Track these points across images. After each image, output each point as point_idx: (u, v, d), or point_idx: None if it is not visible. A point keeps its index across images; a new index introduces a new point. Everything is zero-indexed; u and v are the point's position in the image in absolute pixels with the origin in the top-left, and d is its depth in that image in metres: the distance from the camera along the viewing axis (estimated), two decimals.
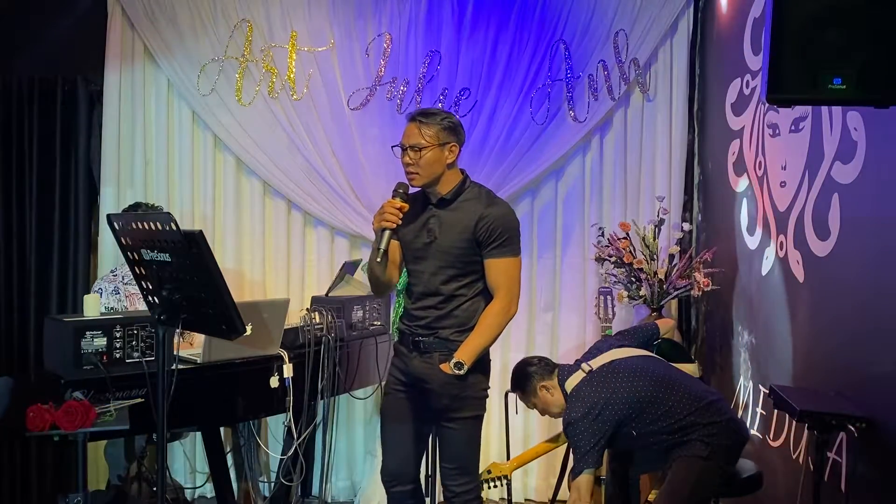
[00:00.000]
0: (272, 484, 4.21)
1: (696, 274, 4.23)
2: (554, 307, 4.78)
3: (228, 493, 3.55)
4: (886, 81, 1.81)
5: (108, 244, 4.46)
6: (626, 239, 4.39)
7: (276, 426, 4.10)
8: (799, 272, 3.31)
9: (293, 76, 4.56)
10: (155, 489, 3.76)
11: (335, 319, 3.75)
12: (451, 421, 2.94)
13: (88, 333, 2.99)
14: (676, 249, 4.48)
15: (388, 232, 2.90)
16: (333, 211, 4.60)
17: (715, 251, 4.29)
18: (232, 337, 2.53)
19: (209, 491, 4.22)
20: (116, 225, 2.61)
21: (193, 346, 3.65)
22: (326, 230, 4.70)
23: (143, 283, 2.62)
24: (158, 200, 4.38)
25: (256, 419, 3.97)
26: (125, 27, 4.51)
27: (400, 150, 2.97)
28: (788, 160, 3.45)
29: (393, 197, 2.93)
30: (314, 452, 4.05)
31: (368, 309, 4.04)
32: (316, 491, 4.28)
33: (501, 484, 3.86)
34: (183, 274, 2.48)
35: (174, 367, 2.61)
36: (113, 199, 4.51)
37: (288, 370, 3.47)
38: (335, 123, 4.59)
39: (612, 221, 4.62)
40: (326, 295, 4.05)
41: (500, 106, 4.59)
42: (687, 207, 4.76)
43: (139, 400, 3.00)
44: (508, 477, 3.86)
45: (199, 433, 3.90)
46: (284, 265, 4.68)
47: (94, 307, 3.19)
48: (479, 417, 2.99)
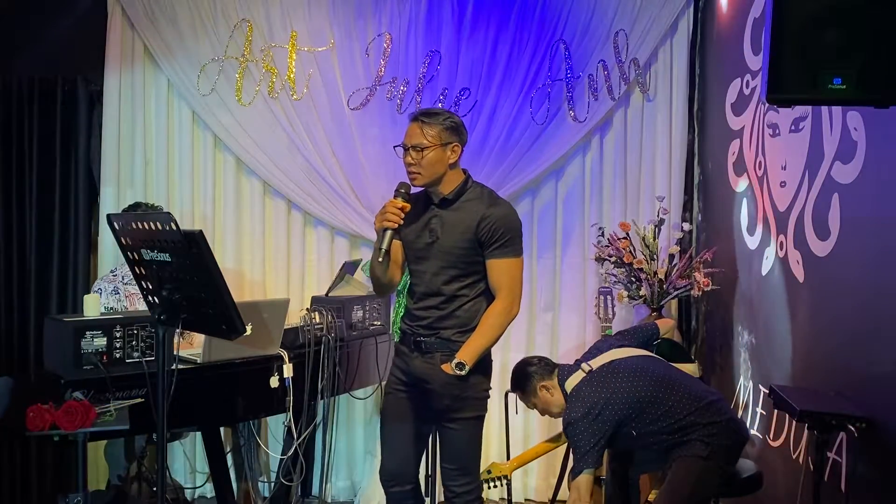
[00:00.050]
0: (272, 484, 4.21)
1: (696, 274, 4.23)
2: (554, 307, 4.78)
3: (228, 493, 3.55)
4: (886, 81, 1.81)
5: (108, 244, 4.46)
6: (626, 239, 4.39)
7: (276, 426, 4.10)
8: (799, 272, 3.31)
9: (293, 76, 4.56)
10: (155, 489, 3.77)
11: (335, 319, 3.75)
12: (452, 421, 2.93)
13: (88, 333, 2.99)
14: (676, 249, 4.48)
15: (389, 232, 2.89)
16: (333, 211, 4.60)
17: (715, 251, 4.29)
18: (232, 337, 2.53)
19: (209, 491, 4.22)
20: (116, 225, 2.60)
21: (193, 346, 3.65)
22: (326, 230, 4.70)
23: (143, 283, 2.62)
24: (158, 200, 4.38)
25: (256, 419, 3.97)
26: (125, 27, 4.51)
27: (402, 149, 2.97)
28: (788, 160, 3.45)
29: (395, 197, 2.92)
30: (314, 452, 4.05)
31: (368, 309, 4.04)
32: (316, 491, 4.28)
33: (501, 484, 3.86)
34: (183, 274, 2.48)
35: (174, 367, 2.61)
36: (113, 199, 4.51)
37: (288, 370, 3.47)
38: (335, 123, 4.59)
39: (612, 221, 4.62)
40: (326, 295, 4.04)
41: (500, 106, 4.59)
42: (687, 207, 4.76)
43: (139, 400, 3.00)
44: (508, 477, 3.86)
45: (199, 433, 3.90)
46: (284, 265, 4.68)
47: (94, 307, 3.19)
48: (480, 418, 2.99)
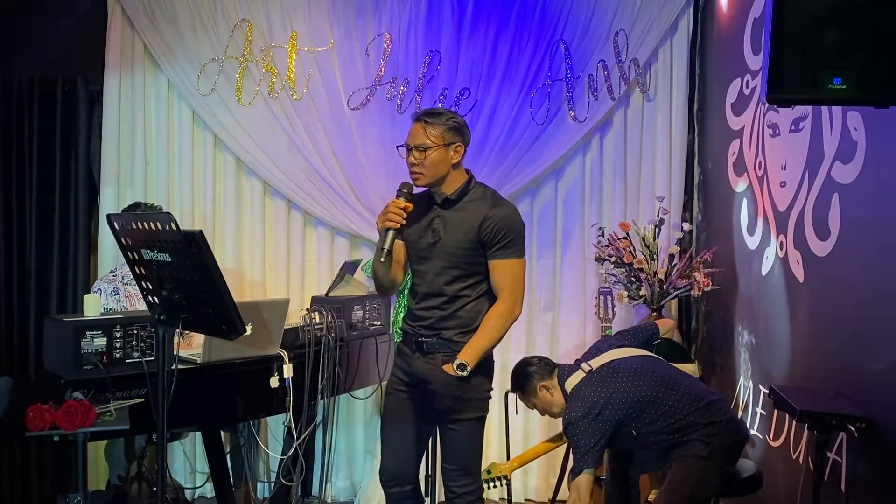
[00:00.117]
0: (272, 484, 4.21)
1: (696, 274, 4.23)
2: (554, 307, 4.78)
3: (228, 493, 3.54)
4: (886, 81, 1.81)
5: (108, 244, 4.46)
6: (626, 239, 4.39)
7: (276, 426, 4.10)
8: (799, 272, 3.31)
9: (293, 76, 4.56)
10: (155, 489, 3.76)
11: (335, 319, 3.75)
12: (453, 422, 2.93)
13: (88, 333, 2.99)
14: (676, 249, 4.48)
15: (391, 232, 2.88)
16: (333, 211, 4.60)
17: (715, 251, 4.29)
18: (232, 337, 2.53)
19: (209, 491, 4.22)
20: (116, 225, 2.60)
21: (192, 346, 3.64)
22: (326, 230, 4.70)
23: (143, 283, 2.62)
24: (158, 200, 4.38)
25: (256, 419, 3.97)
26: (125, 27, 4.51)
27: (405, 149, 2.96)
28: (788, 160, 3.45)
29: (397, 197, 2.92)
30: (314, 452, 4.05)
31: (368, 309, 4.04)
32: (316, 491, 4.28)
33: (501, 484, 3.86)
34: (183, 274, 2.47)
35: (174, 367, 2.61)
36: (113, 199, 4.51)
37: (288, 370, 3.47)
38: (335, 123, 4.59)
39: (612, 221, 4.62)
40: (326, 295, 4.04)
41: (500, 106, 4.59)
42: (687, 207, 4.76)
43: (139, 400, 3.00)
44: (508, 477, 3.86)
45: (199, 433, 3.90)
46: (284, 265, 4.68)
47: (94, 307, 3.19)
48: (481, 419, 2.99)
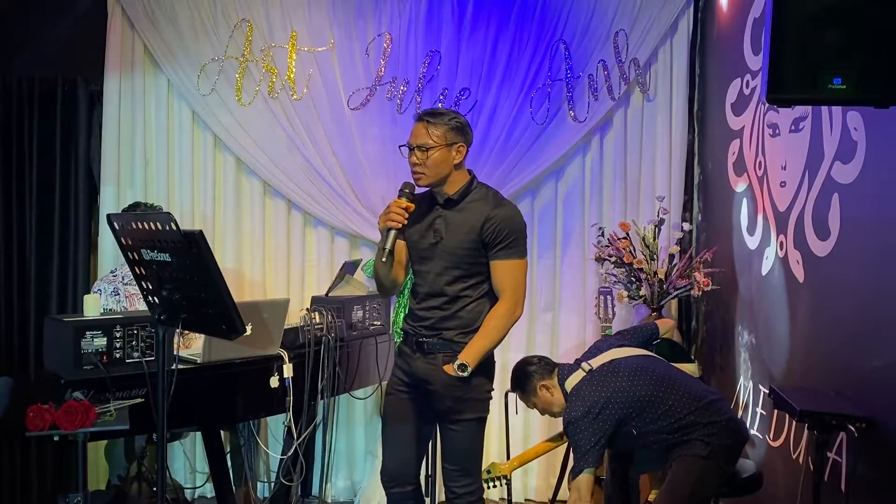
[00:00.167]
0: (272, 484, 4.21)
1: (696, 274, 4.23)
2: (554, 307, 4.78)
3: (228, 493, 3.54)
4: (886, 81, 1.80)
5: (108, 244, 4.46)
6: (626, 239, 4.39)
7: (276, 426, 4.10)
8: (799, 272, 3.31)
9: (293, 76, 4.56)
10: (155, 489, 3.76)
11: (335, 319, 3.75)
12: (453, 423, 2.93)
13: (88, 333, 2.99)
14: (676, 249, 4.48)
15: (393, 232, 2.87)
16: (333, 211, 4.60)
17: (715, 251, 4.29)
18: (232, 337, 2.53)
19: (209, 491, 4.22)
20: (116, 225, 2.60)
21: (190, 348, 3.64)
22: (326, 230, 4.70)
23: (143, 283, 2.62)
24: (158, 200, 4.38)
25: (256, 419, 3.97)
26: (125, 27, 4.51)
27: (407, 149, 2.96)
28: (788, 160, 3.45)
29: (399, 197, 2.91)
30: (314, 452, 4.05)
31: (368, 309, 4.04)
32: (316, 491, 4.28)
33: (501, 484, 3.86)
34: (183, 274, 2.47)
35: (174, 367, 2.61)
36: (113, 199, 4.51)
37: (288, 370, 3.47)
38: (335, 123, 4.59)
39: (612, 221, 4.62)
40: (326, 295, 4.04)
41: (500, 106, 4.59)
42: (687, 207, 4.76)
43: (139, 400, 3.00)
44: (508, 477, 3.86)
45: (199, 433, 3.90)
46: (284, 265, 4.68)
47: (94, 307, 3.19)
48: (482, 419, 2.98)
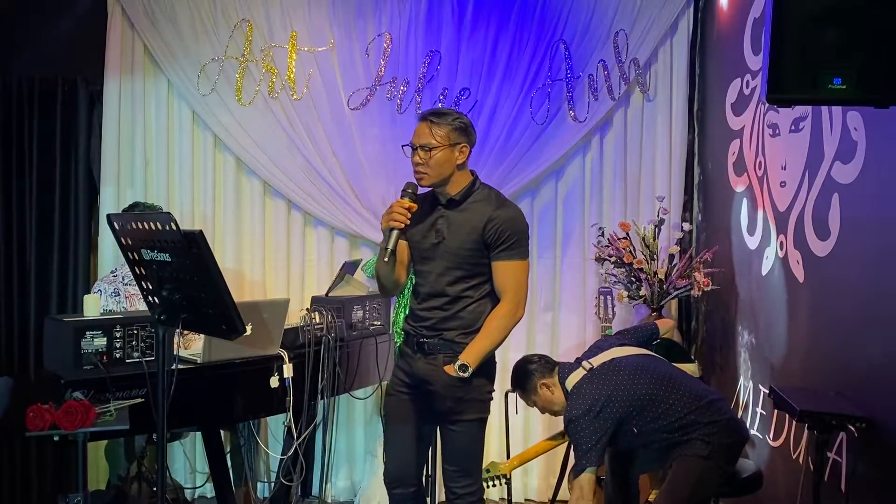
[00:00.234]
0: (272, 484, 4.21)
1: (696, 274, 4.23)
2: (554, 307, 4.79)
3: (228, 493, 3.54)
4: (886, 81, 1.81)
5: (108, 244, 4.46)
6: (626, 239, 4.39)
7: (276, 426, 4.10)
8: (799, 272, 3.31)
9: (293, 76, 4.56)
10: (155, 489, 3.77)
11: (335, 319, 3.75)
12: (454, 423, 2.92)
13: (88, 333, 2.99)
14: (676, 249, 4.48)
15: (396, 232, 2.87)
16: (333, 211, 4.60)
17: (715, 251, 4.29)
18: (232, 337, 2.53)
19: (209, 491, 4.22)
20: (116, 225, 2.60)
21: (190, 348, 3.64)
22: (326, 230, 4.70)
23: (143, 283, 2.62)
24: (158, 200, 4.38)
25: (256, 419, 3.97)
26: (125, 27, 4.51)
27: (410, 149, 2.95)
28: (788, 160, 3.45)
29: (402, 196, 2.91)
30: (314, 452, 4.05)
31: (368, 309, 4.04)
32: (316, 491, 4.28)
33: (501, 483, 3.86)
34: (183, 274, 2.47)
35: (174, 367, 2.61)
36: (113, 199, 4.51)
37: (288, 370, 3.47)
38: (335, 123, 4.59)
39: (612, 221, 4.62)
40: (326, 295, 4.05)
41: (500, 106, 4.59)
42: (687, 207, 4.76)
43: (139, 400, 3.00)
44: (508, 476, 3.86)
45: (199, 433, 3.90)
46: (284, 265, 4.68)
47: (94, 307, 3.19)
48: (482, 420, 2.98)
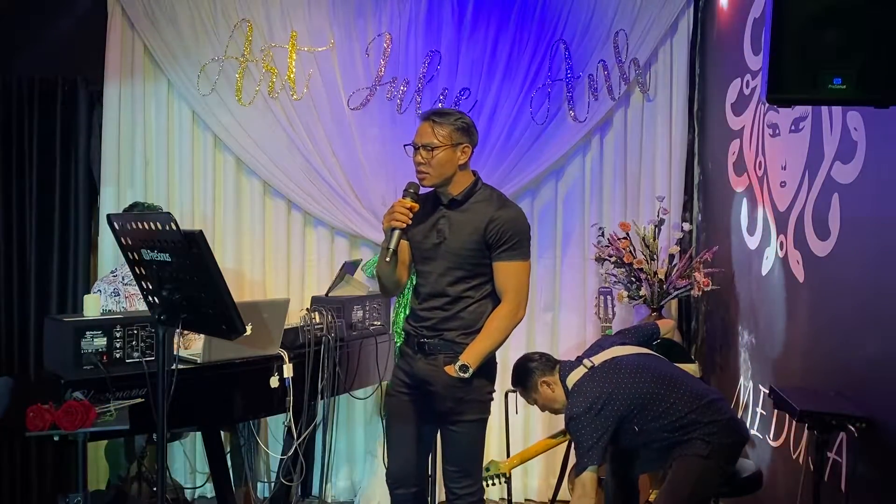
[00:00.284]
0: (272, 484, 4.21)
1: (696, 274, 4.23)
2: (554, 307, 4.79)
3: (228, 493, 3.54)
4: (886, 81, 1.81)
5: (108, 244, 4.46)
6: (626, 239, 4.39)
7: (276, 426, 4.10)
8: (799, 272, 3.31)
9: (293, 76, 4.56)
10: (155, 489, 3.77)
11: (335, 319, 3.75)
12: (454, 424, 2.92)
13: (88, 333, 2.99)
14: (676, 249, 4.48)
15: (397, 231, 2.86)
16: (333, 211, 4.60)
17: (715, 251, 4.29)
18: (232, 337, 2.53)
19: (209, 491, 4.22)
20: (116, 225, 2.60)
21: (190, 348, 3.64)
22: (326, 230, 4.70)
23: (143, 283, 2.62)
24: (158, 200, 4.38)
25: (256, 419, 3.97)
26: (125, 27, 4.51)
27: (412, 148, 2.94)
28: (788, 160, 3.45)
29: (403, 196, 2.90)
30: (314, 452, 4.05)
31: (368, 309, 4.04)
32: (316, 491, 4.28)
33: (500, 482, 3.86)
34: (183, 274, 2.47)
35: (174, 367, 2.61)
36: (113, 199, 4.51)
37: (288, 370, 3.47)
38: (335, 123, 4.59)
39: (612, 221, 4.62)
40: (326, 295, 4.05)
41: (500, 106, 4.59)
42: (687, 207, 4.76)
43: (139, 400, 3.00)
44: (507, 475, 3.86)
45: (199, 433, 3.90)
46: (284, 265, 4.68)
47: (94, 307, 3.19)
48: (482, 420, 2.97)
